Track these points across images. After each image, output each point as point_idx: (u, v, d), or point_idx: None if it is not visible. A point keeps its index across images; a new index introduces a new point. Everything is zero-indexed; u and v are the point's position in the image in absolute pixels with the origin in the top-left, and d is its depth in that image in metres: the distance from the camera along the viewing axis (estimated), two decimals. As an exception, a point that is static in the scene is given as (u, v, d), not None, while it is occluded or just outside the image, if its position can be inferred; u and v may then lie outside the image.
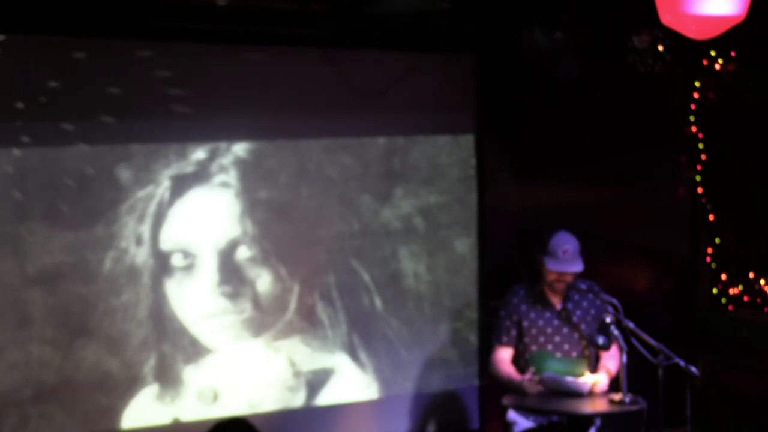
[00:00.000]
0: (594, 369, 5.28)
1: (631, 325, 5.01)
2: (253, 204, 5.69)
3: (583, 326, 5.32)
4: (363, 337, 6.00)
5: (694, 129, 6.69)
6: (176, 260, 5.51)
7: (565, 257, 5.20)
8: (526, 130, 6.32)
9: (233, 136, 5.64)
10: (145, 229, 5.43)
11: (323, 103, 5.83)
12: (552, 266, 5.23)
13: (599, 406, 5.02)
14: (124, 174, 5.37)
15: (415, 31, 5.73)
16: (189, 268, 5.53)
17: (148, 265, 5.44)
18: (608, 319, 5.05)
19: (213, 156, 5.60)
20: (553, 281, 5.29)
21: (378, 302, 6.05)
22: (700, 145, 6.67)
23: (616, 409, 4.95)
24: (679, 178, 6.76)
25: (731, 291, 6.48)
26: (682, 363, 4.87)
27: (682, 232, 6.78)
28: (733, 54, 6.42)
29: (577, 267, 5.22)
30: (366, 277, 6.01)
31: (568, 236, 5.26)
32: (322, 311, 5.89)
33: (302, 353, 5.84)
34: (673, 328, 6.31)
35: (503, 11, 5.88)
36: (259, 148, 5.72)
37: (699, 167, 6.68)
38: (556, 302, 5.37)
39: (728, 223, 6.52)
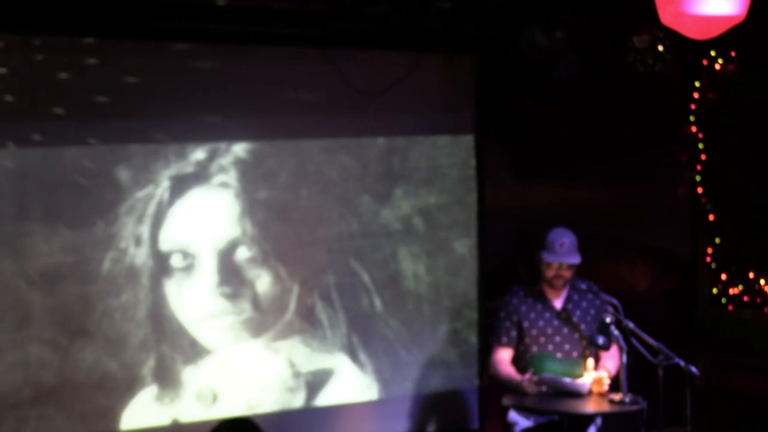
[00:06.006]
0: (594, 368, 5.28)
1: (631, 325, 5.02)
2: (252, 204, 5.69)
3: (583, 326, 5.33)
4: (362, 338, 6.00)
5: (694, 129, 6.69)
6: (176, 261, 5.50)
7: (563, 250, 5.27)
8: (526, 130, 6.32)
9: (233, 136, 5.64)
10: (145, 230, 5.42)
11: (323, 103, 5.83)
12: (550, 258, 5.27)
13: (599, 406, 5.03)
14: (124, 174, 5.37)
15: (415, 31, 5.72)
16: (188, 268, 5.52)
17: (148, 266, 5.43)
18: (608, 319, 5.06)
19: (212, 156, 5.60)
20: (552, 278, 5.31)
21: (377, 303, 6.04)
22: (700, 145, 6.66)
23: (616, 409, 4.95)
24: (679, 178, 6.75)
25: (731, 291, 6.48)
26: (682, 363, 4.87)
27: (682, 232, 6.78)
28: (733, 54, 6.42)
29: (575, 259, 5.27)
30: (365, 277, 6.01)
31: (565, 231, 5.33)
32: (321, 312, 5.89)
33: (302, 354, 5.84)
34: (673, 328, 6.31)
35: (503, 11, 5.87)
36: (259, 148, 5.71)
37: (699, 167, 6.67)
38: (556, 302, 5.38)
39: (728, 223, 6.52)
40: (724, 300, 6.54)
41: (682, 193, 6.77)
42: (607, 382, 5.16)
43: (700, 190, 6.66)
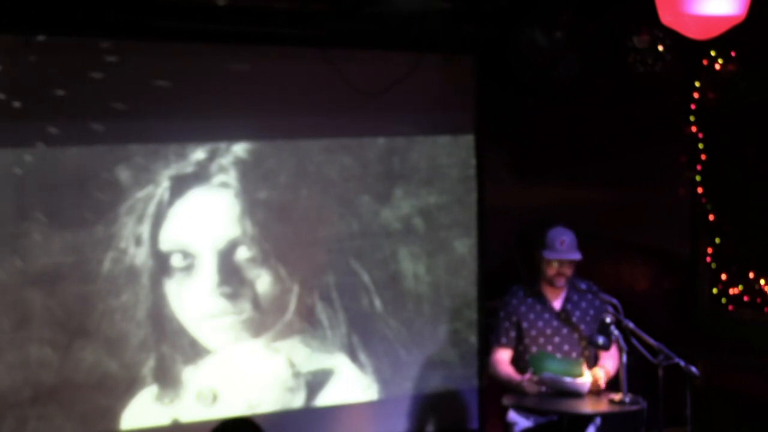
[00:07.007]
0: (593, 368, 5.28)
1: (631, 325, 5.01)
2: (252, 204, 5.69)
3: (582, 326, 5.33)
4: (362, 338, 6.00)
5: (694, 129, 6.69)
6: (176, 261, 5.50)
7: (563, 247, 5.27)
8: (526, 130, 6.32)
9: (233, 137, 5.64)
10: (145, 230, 5.42)
11: (323, 103, 5.83)
12: (551, 256, 5.27)
13: (599, 405, 5.03)
14: (124, 174, 5.37)
15: (415, 31, 5.73)
16: (188, 268, 5.52)
17: (148, 266, 5.43)
18: (608, 319, 5.06)
19: (212, 156, 5.60)
20: (554, 276, 5.31)
21: (377, 303, 6.04)
22: (700, 145, 6.66)
23: (616, 409, 4.95)
24: (679, 178, 6.76)
25: (731, 291, 6.48)
26: (682, 363, 4.87)
27: (682, 232, 6.78)
28: (733, 54, 6.42)
29: (575, 255, 5.28)
30: (365, 277, 6.01)
31: (565, 229, 5.34)
32: (321, 312, 5.89)
33: (302, 354, 5.84)
34: (673, 328, 6.31)
35: (503, 11, 5.87)
36: (259, 148, 5.71)
37: (699, 167, 6.67)
38: (555, 303, 5.38)
39: (728, 223, 6.52)
40: (724, 300, 6.54)
41: (682, 193, 6.77)
42: (602, 377, 5.17)
43: (700, 190, 6.66)
